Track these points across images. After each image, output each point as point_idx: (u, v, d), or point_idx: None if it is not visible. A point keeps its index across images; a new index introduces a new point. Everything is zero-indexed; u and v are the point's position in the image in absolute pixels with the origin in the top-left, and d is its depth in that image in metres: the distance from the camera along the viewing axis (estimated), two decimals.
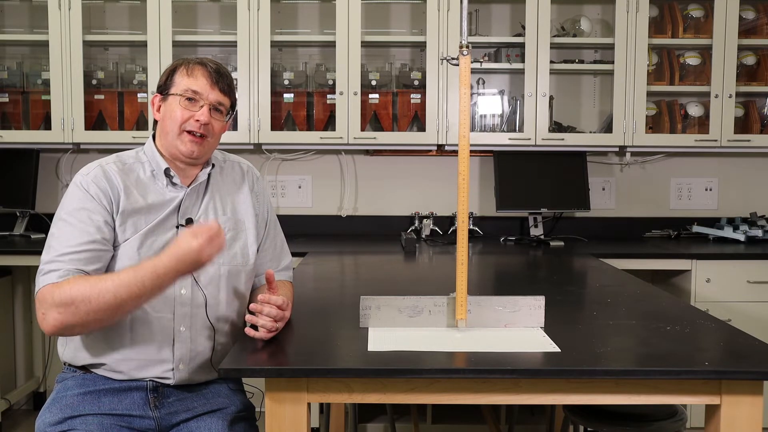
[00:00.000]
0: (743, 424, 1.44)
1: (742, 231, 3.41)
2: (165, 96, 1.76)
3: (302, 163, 3.72)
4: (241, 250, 1.81)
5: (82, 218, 1.64)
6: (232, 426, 1.74)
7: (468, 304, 1.65)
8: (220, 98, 1.75)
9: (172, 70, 1.76)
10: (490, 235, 3.64)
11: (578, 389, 1.44)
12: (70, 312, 1.53)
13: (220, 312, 1.78)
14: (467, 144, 1.64)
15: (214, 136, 1.77)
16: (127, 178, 1.73)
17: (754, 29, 3.49)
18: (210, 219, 1.79)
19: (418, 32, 3.55)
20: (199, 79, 1.73)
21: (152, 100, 1.79)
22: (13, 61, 3.56)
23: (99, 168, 1.72)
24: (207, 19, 3.63)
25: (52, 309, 1.54)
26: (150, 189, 1.74)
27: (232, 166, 1.90)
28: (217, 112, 1.76)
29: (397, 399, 1.46)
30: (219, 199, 1.83)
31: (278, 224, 1.99)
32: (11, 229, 3.52)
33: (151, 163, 1.77)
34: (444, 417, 3.33)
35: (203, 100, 1.73)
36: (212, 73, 1.74)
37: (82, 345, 1.72)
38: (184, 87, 1.72)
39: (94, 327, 1.60)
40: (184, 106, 1.72)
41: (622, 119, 3.38)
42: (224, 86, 1.76)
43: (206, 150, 1.77)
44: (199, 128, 1.72)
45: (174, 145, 1.74)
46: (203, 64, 1.75)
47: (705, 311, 1.95)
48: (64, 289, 1.54)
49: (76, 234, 1.62)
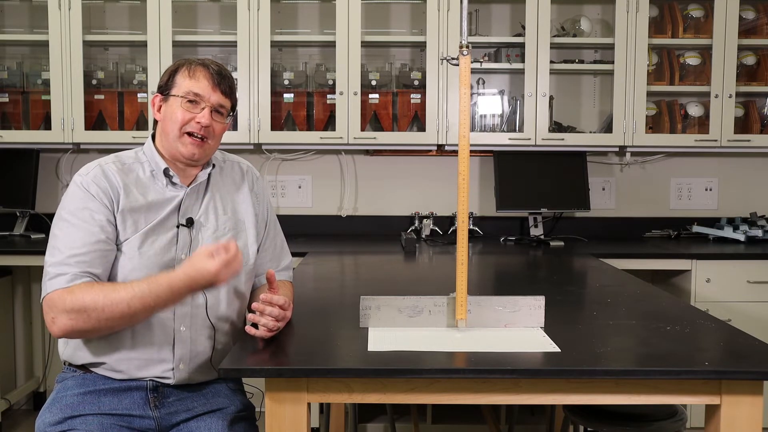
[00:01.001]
0: (743, 424, 1.44)
1: (742, 231, 3.41)
2: (166, 97, 1.75)
3: (302, 163, 3.72)
4: (242, 250, 1.81)
5: (85, 218, 1.65)
6: (232, 426, 1.74)
7: (468, 304, 1.65)
8: (221, 100, 1.75)
9: (173, 71, 1.76)
10: (490, 235, 3.64)
11: (578, 389, 1.44)
12: (81, 319, 1.55)
13: (221, 312, 1.78)
14: (467, 144, 1.64)
15: (215, 138, 1.77)
16: (126, 177, 1.73)
17: (754, 29, 3.49)
18: (211, 219, 1.79)
19: (418, 32, 3.55)
20: (200, 81, 1.72)
21: (153, 100, 1.79)
22: (13, 61, 3.56)
23: (98, 167, 1.72)
24: (207, 19, 3.63)
25: (62, 314, 1.55)
26: (150, 188, 1.74)
27: (231, 166, 1.90)
28: (218, 114, 1.75)
29: (397, 399, 1.46)
30: (219, 199, 1.83)
31: (278, 224, 1.99)
32: (11, 229, 3.51)
33: (150, 163, 1.77)
34: (444, 417, 3.33)
35: (205, 102, 1.73)
36: (214, 75, 1.73)
37: (82, 344, 1.72)
38: (185, 89, 1.72)
39: (104, 333, 1.63)
40: (186, 108, 1.72)
41: (622, 119, 3.38)
42: (226, 88, 1.75)
43: (207, 152, 1.77)
44: (200, 130, 1.72)
45: (174, 146, 1.74)
46: (205, 66, 1.74)
47: (705, 311, 1.95)
48: (76, 295, 1.55)
49: (81, 234, 1.63)
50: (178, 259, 1.72)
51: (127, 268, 1.66)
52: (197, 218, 1.77)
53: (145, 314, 1.58)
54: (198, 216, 1.78)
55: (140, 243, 1.69)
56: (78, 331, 1.57)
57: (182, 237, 1.74)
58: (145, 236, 1.70)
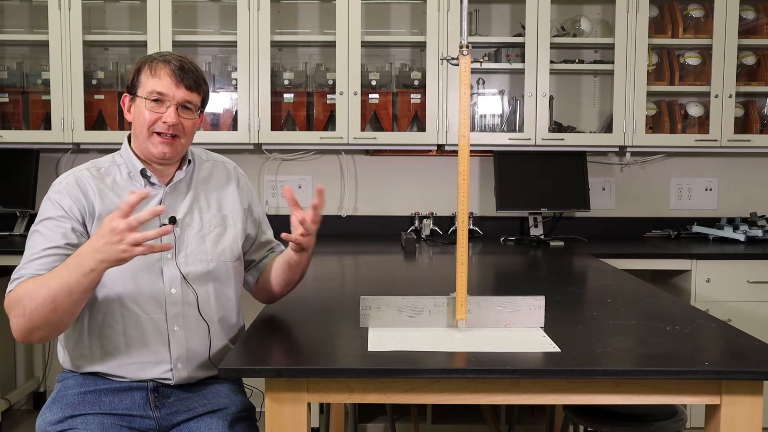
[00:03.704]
0: (743, 424, 1.44)
1: (742, 231, 3.41)
2: (133, 97, 1.73)
3: (302, 163, 3.72)
4: (230, 245, 1.80)
5: (50, 226, 1.65)
6: (233, 426, 1.74)
7: (468, 304, 1.65)
8: (186, 96, 1.71)
9: (137, 70, 1.72)
10: (490, 235, 3.64)
11: (578, 389, 1.44)
12: (19, 313, 1.54)
13: (212, 308, 1.77)
14: (467, 144, 1.64)
15: (186, 135, 1.73)
16: (101, 183, 1.71)
17: (754, 29, 3.49)
18: (195, 217, 1.77)
19: (418, 32, 3.55)
20: (163, 79, 1.69)
21: (122, 101, 1.76)
22: (13, 61, 3.55)
23: (71, 176, 1.72)
24: (207, 19, 3.63)
25: (11, 316, 1.56)
26: (127, 190, 1.71)
27: (215, 165, 1.88)
28: (185, 110, 1.71)
29: (397, 399, 1.46)
30: (204, 197, 1.81)
31: (267, 220, 1.99)
32: (11, 229, 3.51)
33: (127, 165, 1.75)
34: (444, 417, 3.33)
35: (169, 101, 1.69)
36: (176, 71, 1.69)
37: (79, 354, 1.72)
38: (149, 88, 1.69)
39: (49, 330, 1.57)
40: (150, 108, 1.69)
41: (622, 119, 3.38)
42: (190, 83, 1.71)
43: (179, 149, 1.74)
44: (168, 129, 1.69)
45: (145, 147, 1.72)
46: (167, 62, 1.70)
47: (705, 311, 1.95)
48: (15, 292, 1.56)
49: (42, 241, 1.63)
50: (163, 258, 1.71)
51: (110, 272, 1.58)
52: (181, 217, 1.76)
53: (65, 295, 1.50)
54: (182, 214, 1.76)
55: None
56: (25, 328, 1.54)
57: (166, 236, 1.69)
58: None
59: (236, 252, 1.83)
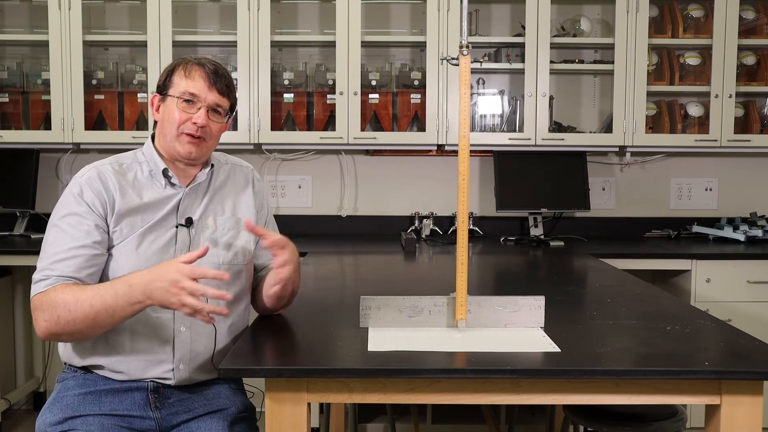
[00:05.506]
0: (743, 424, 1.43)
1: (742, 231, 3.41)
2: (164, 97, 1.75)
3: (302, 163, 3.72)
4: (242, 248, 1.81)
5: (73, 223, 1.65)
6: (233, 427, 1.74)
7: (468, 304, 1.65)
8: (218, 100, 1.74)
9: (170, 71, 1.76)
10: (490, 235, 3.64)
11: (578, 389, 1.44)
12: (53, 321, 1.56)
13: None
14: (467, 144, 1.64)
15: (213, 138, 1.76)
16: (123, 179, 1.73)
17: (754, 29, 3.49)
18: (210, 219, 1.78)
19: (418, 32, 3.55)
20: (196, 81, 1.72)
21: (151, 100, 1.79)
22: (13, 61, 3.56)
23: (94, 170, 1.73)
24: (207, 19, 3.63)
25: (39, 317, 1.58)
26: (147, 188, 1.74)
27: (233, 169, 1.90)
28: (215, 114, 1.75)
29: (397, 399, 1.46)
30: (219, 200, 1.83)
31: (276, 225, 2.00)
32: (11, 229, 3.51)
33: (149, 163, 1.77)
34: (444, 417, 3.33)
35: (201, 102, 1.72)
36: (210, 74, 1.73)
37: (81, 345, 1.72)
38: (181, 89, 1.72)
39: (79, 337, 1.63)
40: (182, 108, 1.72)
41: (622, 119, 3.38)
42: (222, 87, 1.74)
43: (205, 151, 1.76)
44: (197, 131, 1.71)
45: (172, 146, 1.74)
46: (201, 65, 1.74)
47: (705, 311, 1.95)
48: (49, 296, 1.57)
49: (67, 239, 1.63)
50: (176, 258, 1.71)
51: (125, 269, 1.64)
52: (197, 219, 1.77)
53: (107, 316, 1.54)
54: (197, 216, 1.78)
55: (138, 243, 1.69)
56: (53, 333, 1.58)
57: (181, 237, 1.74)
58: (142, 236, 1.70)
59: (248, 256, 1.83)
